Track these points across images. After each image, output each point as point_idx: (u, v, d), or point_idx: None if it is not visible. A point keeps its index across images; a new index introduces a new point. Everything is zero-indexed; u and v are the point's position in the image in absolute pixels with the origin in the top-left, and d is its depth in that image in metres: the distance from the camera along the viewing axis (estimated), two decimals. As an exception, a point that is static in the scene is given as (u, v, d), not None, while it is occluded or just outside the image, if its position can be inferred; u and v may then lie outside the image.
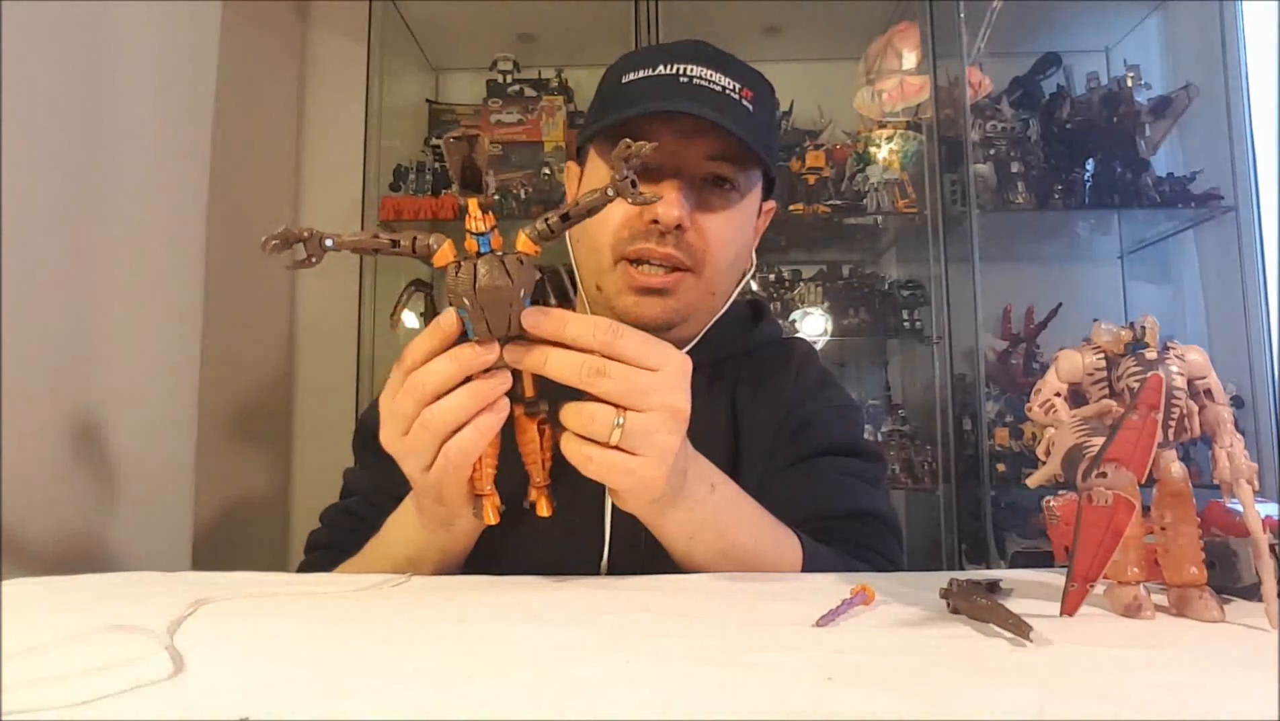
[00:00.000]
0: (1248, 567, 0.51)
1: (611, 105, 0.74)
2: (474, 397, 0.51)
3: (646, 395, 0.52)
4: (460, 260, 0.49)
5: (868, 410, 1.99)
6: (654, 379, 0.52)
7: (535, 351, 0.51)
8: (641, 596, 0.54)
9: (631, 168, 0.49)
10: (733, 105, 0.72)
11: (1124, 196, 1.86)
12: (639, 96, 0.72)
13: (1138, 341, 0.50)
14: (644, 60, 0.75)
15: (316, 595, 0.54)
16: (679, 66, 0.73)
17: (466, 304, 0.49)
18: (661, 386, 0.52)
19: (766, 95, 0.77)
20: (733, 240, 0.75)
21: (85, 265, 1.00)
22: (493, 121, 1.99)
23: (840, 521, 0.74)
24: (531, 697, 0.33)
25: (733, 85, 0.73)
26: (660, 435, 0.52)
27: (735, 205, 0.75)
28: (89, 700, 0.32)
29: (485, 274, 0.48)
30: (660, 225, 0.70)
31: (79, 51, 0.99)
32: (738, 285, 0.80)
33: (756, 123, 0.73)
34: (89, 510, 1.00)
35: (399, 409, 0.52)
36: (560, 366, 0.51)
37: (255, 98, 1.82)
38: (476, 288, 0.48)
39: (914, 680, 0.35)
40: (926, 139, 1.91)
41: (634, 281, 0.72)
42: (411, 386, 0.51)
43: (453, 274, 0.49)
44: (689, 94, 0.71)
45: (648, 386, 0.52)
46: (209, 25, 1.26)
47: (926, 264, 1.89)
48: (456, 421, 0.51)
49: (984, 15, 1.90)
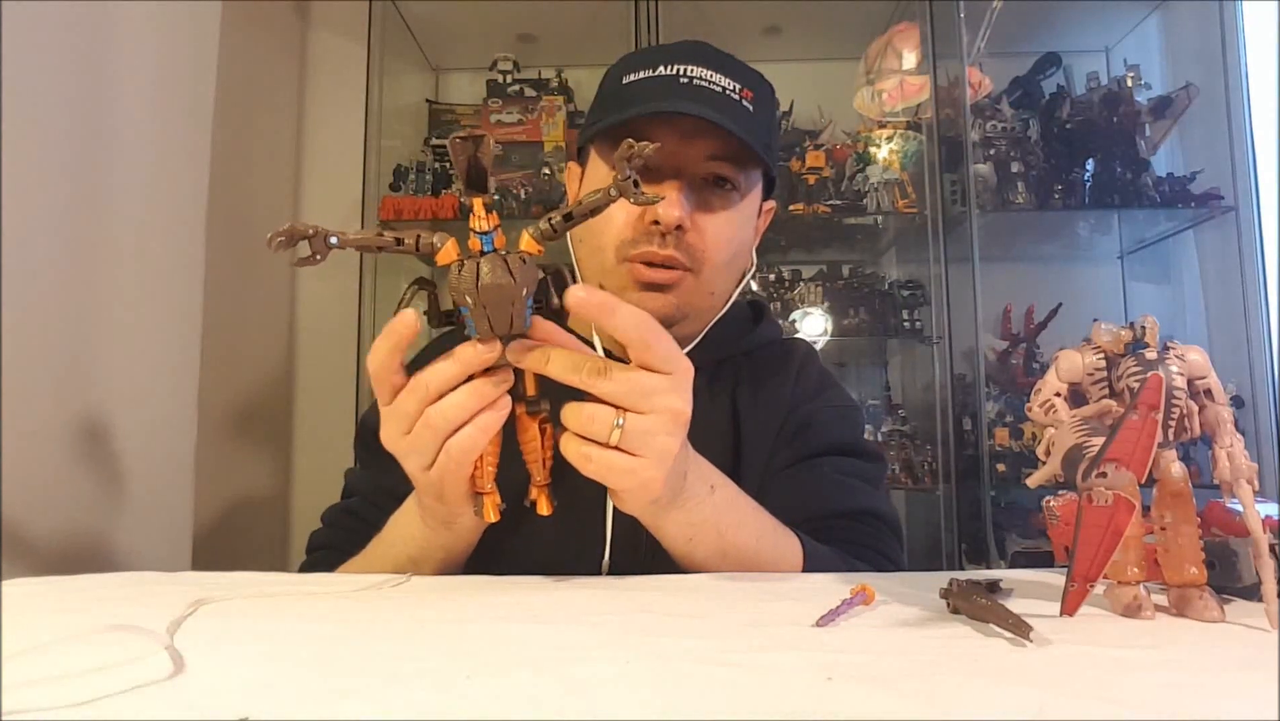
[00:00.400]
0: (1248, 567, 0.51)
1: (612, 106, 0.75)
2: (475, 396, 0.51)
3: (647, 397, 0.52)
4: (464, 259, 0.49)
5: (868, 410, 2.00)
6: (656, 380, 0.52)
7: (537, 351, 0.51)
8: (641, 596, 0.54)
9: (634, 168, 0.49)
10: (733, 106, 0.72)
11: (1124, 196, 1.86)
12: (640, 97, 0.72)
13: (1138, 341, 0.50)
14: (645, 61, 0.75)
15: (316, 595, 0.54)
16: (679, 67, 0.73)
17: (469, 302, 0.49)
18: (663, 388, 0.52)
19: (767, 95, 0.77)
20: (732, 240, 0.75)
21: (85, 265, 1.00)
22: (493, 121, 1.99)
23: (840, 521, 0.74)
24: (531, 697, 0.33)
25: (733, 86, 0.73)
26: (660, 437, 0.52)
27: (735, 205, 0.75)
28: (89, 700, 0.32)
29: (488, 272, 0.48)
30: (661, 226, 0.70)
31: (79, 51, 0.99)
32: (738, 285, 0.80)
33: (756, 123, 0.73)
34: (89, 510, 1.00)
35: (400, 408, 0.52)
36: (561, 366, 0.51)
37: (255, 98, 1.82)
38: (479, 286, 0.48)
39: (914, 680, 0.35)
40: (926, 139, 1.91)
41: (638, 276, 0.72)
42: (414, 386, 0.51)
43: (455, 272, 0.49)
44: (689, 95, 0.71)
45: (649, 388, 0.52)
46: (209, 25, 1.26)
47: (926, 264, 1.89)
48: (459, 420, 0.51)
49: (984, 15, 1.90)
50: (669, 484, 0.55)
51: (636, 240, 0.72)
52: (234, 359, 1.69)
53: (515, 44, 2.10)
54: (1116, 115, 1.87)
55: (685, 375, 0.54)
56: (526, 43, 2.11)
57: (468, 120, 2.05)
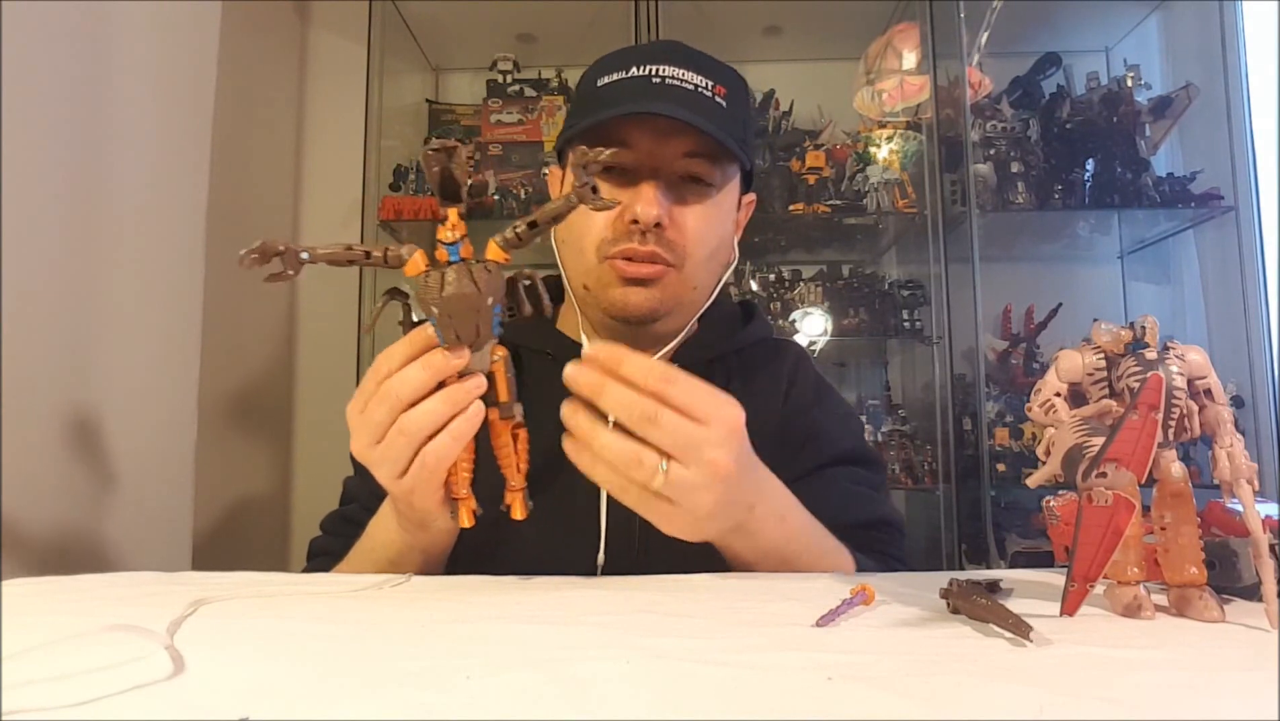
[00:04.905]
0: (1248, 567, 0.51)
1: (587, 109, 0.75)
2: (448, 402, 0.51)
3: (694, 449, 0.52)
4: (430, 269, 0.51)
5: (868, 410, 2.00)
6: (703, 433, 0.53)
7: (593, 379, 0.52)
8: (642, 596, 0.54)
9: (591, 174, 0.50)
10: (705, 103, 0.73)
11: (1124, 196, 1.86)
12: (614, 99, 0.73)
13: (1138, 341, 0.50)
14: (617, 63, 0.76)
15: (316, 595, 0.54)
16: (651, 67, 0.74)
17: (435, 311, 0.50)
18: (710, 441, 0.53)
19: (739, 90, 0.77)
20: (712, 234, 0.76)
21: (85, 265, 1.00)
22: (493, 121, 1.99)
23: (859, 531, 0.75)
24: (531, 697, 0.33)
25: (705, 83, 0.74)
26: (699, 492, 0.53)
27: (713, 200, 0.76)
28: (89, 700, 0.32)
29: (452, 282, 0.50)
30: (640, 224, 0.71)
31: (79, 51, 0.99)
32: (720, 279, 0.81)
33: (730, 118, 0.74)
34: (89, 510, 1.00)
35: (371, 417, 0.53)
36: (614, 402, 0.52)
37: (255, 98, 1.82)
38: (443, 296, 0.50)
39: (914, 680, 0.35)
40: (926, 139, 1.91)
41: (621, 272, 0.73)
42: (384, 394, 0.52)
43: (423, 282, 0.50)
44: (662, 94, 0.72)
45: (698, 440, 0.52)
46: (209, 25, 1.26)
47: (926, 264, 1.89)
48: (432, 426, 0.52)
49: (984, 15, 1.90)
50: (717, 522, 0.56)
51: (617, 239, 0.73)
52: (234, 358, 1.69)
53: (515, 44, 2.10)
54: (1116, 115, 1.87)
55: (729, 426, 0.54)
56: (526, 43, 2.11)
57: (468, 120, 2.05)
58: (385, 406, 0.52)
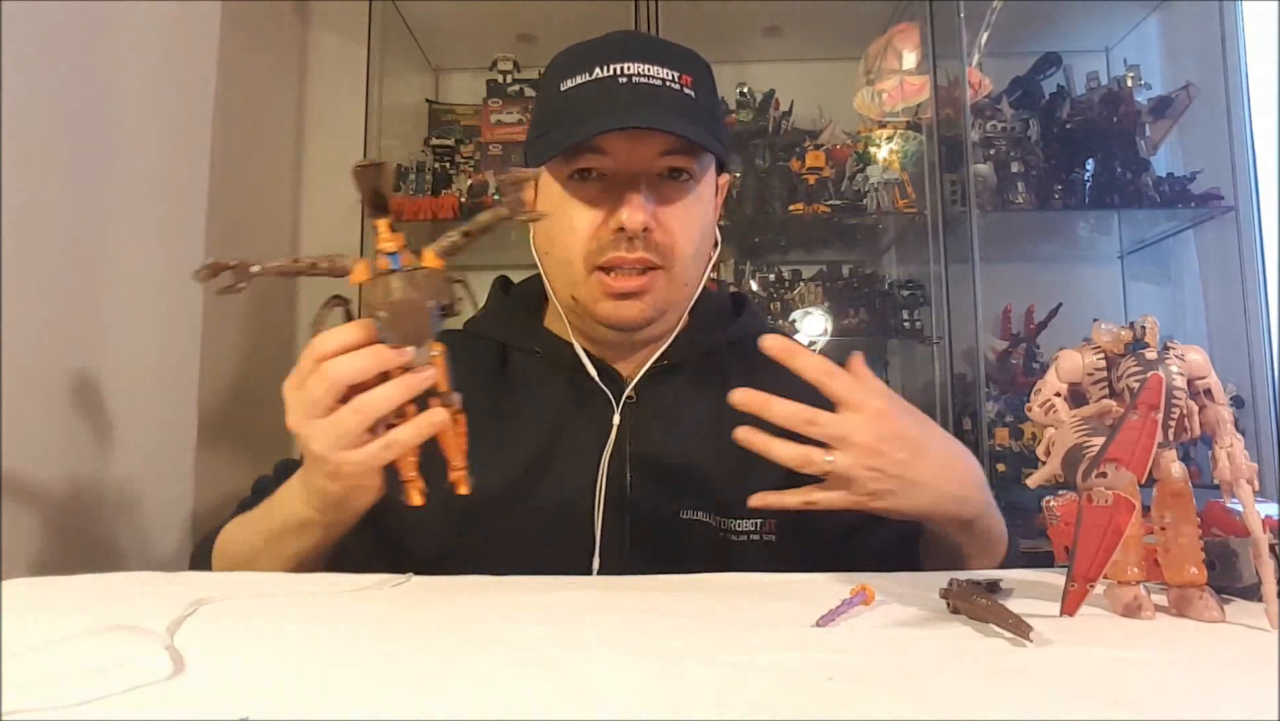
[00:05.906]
0: (1248, 567, 0.51)
1: (554, 117, 0.75)
2: (404, 389, 0.55)
3: (844, 437, 0.59)
4: (374, 277, 0.55)
5: (868, 410, 1.99)
6: (851, 421, 0.60)
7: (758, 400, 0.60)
8: (642, 596, 0.54)
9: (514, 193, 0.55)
10: (675, 98, 0.72)
11: (1124, 196, 1.86)
12: (581, 108, 0.72)
13: (1138, 341, 0.50)
14: (579, 63, 0.74)
15: (316, 595, 0.54)
16: (615, 66, 0.72)
17: (382, 316, 0.54)
18: (858, 427, 0.60)
19: (704, 76, 0.77)
20: (696, 229, 0.76)
21: (85, 265, 1.01)
22: (493, 121, 1.98)
23: None
24: (532, 697, 0.33)
25: (671, 75, 0.73)
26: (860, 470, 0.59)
27: (694, 194, 0.75)
28: (89, 700, 0.32)
29: (397, 289, 0.54)
30: (627, 231, 0.70)
31: (79, 52, 0.99)
32: (706, 269, 0.80)
33: (700, 108, 0.73)
34: (89, 510, 1.00)
35: (310, 394, 0.56)
36: (780, 416, 0.60)
37: (255, 98, 1.82)
38: (389, 301, 0.54)
39: (914, 680, 0.35)
40: (926, 139, 1.91)
41: (609, 288, 0.72)
42: (324, 373, 0.55)
43: (368, 290, 0.55)
44: (630, 96, 0.71)
45: (844, 429, 0.60)
46: (209, 25, 1.26)
47: (926, 264, 1.88)
48: (387, 409, 0.55)
49: (984, 15, 1.90)
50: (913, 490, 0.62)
51: (604, 247, 0.72)
52: (234, 359, 1.69)
53: (515, 44, 2.10)
54: (1116, 115, 1.87)
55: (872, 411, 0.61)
56: (526, 43, 2.11)
57: (468, 120, 2.05)
58: (325, 385, 0.55)
